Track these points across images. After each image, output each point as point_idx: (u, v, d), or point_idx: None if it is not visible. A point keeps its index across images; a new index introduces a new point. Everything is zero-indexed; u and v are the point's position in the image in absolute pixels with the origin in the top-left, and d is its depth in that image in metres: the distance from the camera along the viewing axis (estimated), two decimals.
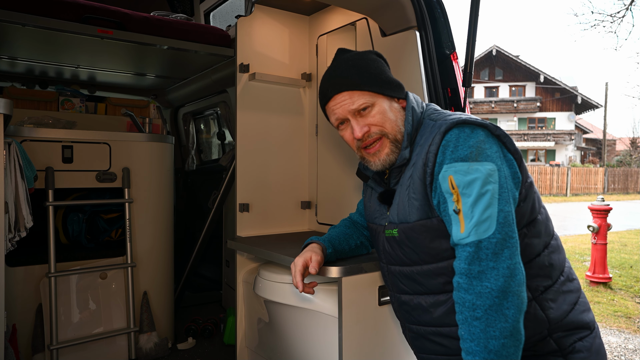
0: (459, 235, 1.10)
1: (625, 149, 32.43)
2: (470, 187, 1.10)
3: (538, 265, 1.18)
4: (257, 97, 2.45)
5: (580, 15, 54.78)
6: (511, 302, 1.03)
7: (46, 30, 2.28)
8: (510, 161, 1.17)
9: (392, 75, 1.36)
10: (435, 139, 1.18)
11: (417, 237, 1.23)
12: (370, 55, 1.35)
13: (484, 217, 1.08)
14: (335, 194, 2.47)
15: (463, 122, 1.17)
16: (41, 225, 2.38)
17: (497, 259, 1.05)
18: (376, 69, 1.32)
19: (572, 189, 21.99)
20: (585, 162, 31.42)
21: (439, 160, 1.16)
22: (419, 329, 1.30)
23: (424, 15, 1.95)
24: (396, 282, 1.34)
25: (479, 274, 1.06)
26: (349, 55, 1.35)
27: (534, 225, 1.20)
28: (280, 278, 1.93)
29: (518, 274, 1.06)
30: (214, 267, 3.86)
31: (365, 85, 1.28)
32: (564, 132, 28.73)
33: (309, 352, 1.87)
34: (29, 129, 2.38)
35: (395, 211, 1.29)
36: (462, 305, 1.08)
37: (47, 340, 2.32)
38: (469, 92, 1.82)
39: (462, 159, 1.12)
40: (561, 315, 1.17)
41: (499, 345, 1.02)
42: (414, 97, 1.36)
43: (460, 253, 1.10)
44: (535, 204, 1.21)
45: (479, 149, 1.13)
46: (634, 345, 3.38)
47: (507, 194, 1.11)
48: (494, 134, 1.17)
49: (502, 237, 1.07)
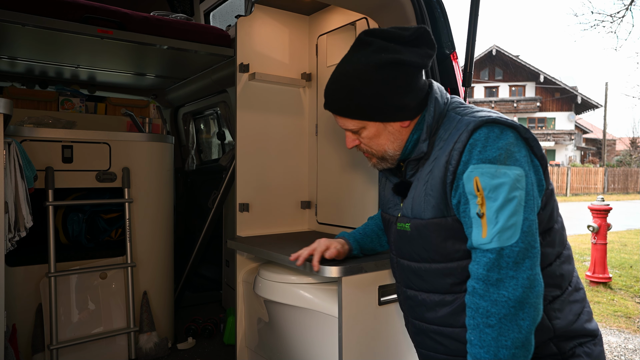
0: (480, 240, 1.07)
1: (625, 149, 32.43)
2: (496, 191, 1.06)
3: (549, 274, 1.15)
4: (257, 97, 2.44)
5: (580, 15, 55.00)
6: (527, 314, 1.02)
7: (46, 30, 2.27)
8: (536, 167, 1.13)
9: (393, 97, 1.19)
10: (462, 136, 1.11)
11: (429, 235, 1.20)
12: (370, 74, 1.17)
13: (508, 224, 1.04)
14: (335, 194, 2.47)
15: (493, 121, 1.11)
16: (41, 225, 2.37)
17: (518, 269, 1.03)
18: (372, 94, 1.18)
19: (572, 189, 21.99)
20: (585, 162, 31.43)
21: (465, 159, 1.10)
22: (421, 325, 1.29)
23: (423, 15, 1.95)
24: (403, 276, 1.32)
25: (497, 282, 1.03)
26: (350, 67, 1.21)
27: (549, 234, 1.17)
28: (280, 278, 1.93)
29: (537, 286, 1.04)
30: (214, 267, 3.86)
31: (351, 114, 1.23)
32: (564, 132, 28.73)
33: (309, 352, 1.87)
34: (29, 129, 2.38)
35: (409, 205, 1.25)
36: (475, 310, 1.06)
37: (47, 340, 2.32)
38: (469, 92, 1.81)
39: (490, 161, 1.07)
40: (566, 325, 1.16)
41: (510, 355, 1.01)
42: (438, 87, 1.27)
43: (479, 258, 1.07)
44: (554, 212, 1.18)
45: (508, 152, 1.08)
46: (634, 345, 3.38)
47: (533, 202, 1.08)
48: (523, 136, 1.12)
49: (524, 247, 1.04)
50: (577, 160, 30.24)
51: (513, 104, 29.26)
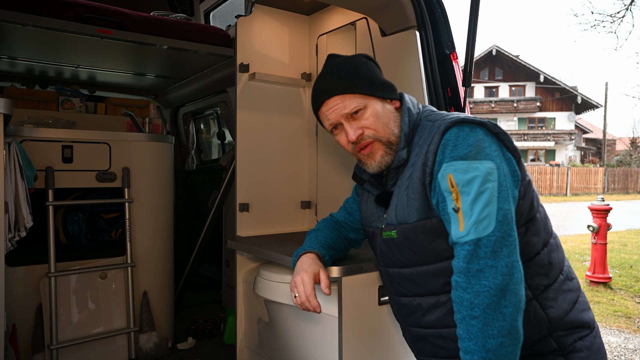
0: (458, 234, 1.10)
1: (625, 149, 32.44)
2: (469, 185, 1.10)
3: (538, 263, 1.18)
4: (257, 97, 2.44)
5: (580, 15, 54.98)
6: (509, 301, 1.03)
7: (46, 30, 2.27)
8: (509, 159, 1.17)
9: (383, 77, 1.35)
10: (435, 138, 1.18)
11: (416, 238, 1.22)
12: (360, 59, 1.35)
13: (483, 215, 1.07)
14: (335, 194, 2.47)
15: (462, 120, 1.17)
16: (41, 225, 2.38)
17: (496, 257, 1.05)
18: (366, 71, 1.31)
19: (572, 189, 21.99)
20: (585, 162, 31.43)
21: (439, 159, 1.16)
22: (419, 331, 1.30)
23: (424, 15, 1.95)
24: (395, 285, 1.34)
25: (478, 273, 1.05)
26: (339, 60, 1.35)
27: (532, 223, 1.20)
28: (280, 278, 1.93)
29: (516, 272, 1.06)
30: (214, 267, 3.86)
31: (356, 88, 1.28)
32: (564, 132, 28.73)
33: (309, 352, 1.87)
34: (29, 129, 2.38)
35: (393, 212, 1.28)
36: (460, 304, 1.07)
37: (47, 340, 2.32)
38: (469, 92, 1.82)
39: (461, 158, 1.12)
40: (561, 314, 1.18)
41: (497, 344, 1.02)
42: (409, 98, 1.35)
43: (458, 251, 1.10)
44: (534, 202, 1.22)
45: (478, 148, 1.13)
46: (634, 345, 3.38)
47: (507, 192, 1.11)
48: (492, 132, 1.17)
49: (501, 235, 1.07)
50: (577, 160, 30.24)
51: (513, 104, 29.26)
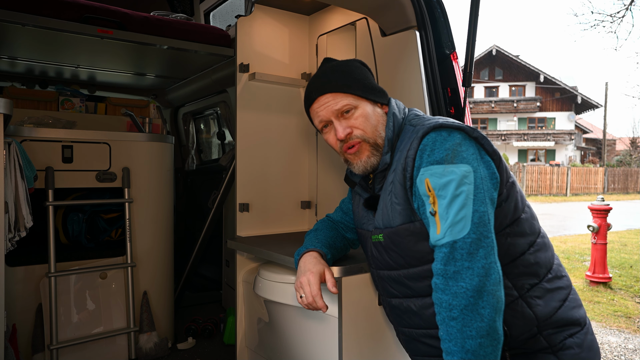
0: (436, 237, 1.11)
1: (625, 149, 32.45)
2: (445, 188, 1.11)
3: (523, 263, 1.19)
4: (257, 97, 2.45)
5: (580, 15, 55.04)
6: (487, 302, 1.04)
7: (46, 30, 2.27)
8: (487, 162, 1.17)
9: (375, 82, 1.40)
10: (414, 143, 1.20)
11: (401, 241, 1.24)
12: (355, 63, 1.39)
13: (458, 218, 1.09)
14: (335, 194, 2.47)
15: (440, 125, 1.18)
16: (41, 225, 2.38)
17: (472, 259, 1.06)
18: (360, 74, 1.35)
19: (572, 189, 21.99)
20: (585, 162, 31.43)
21: (417, 164, 1.18)
22: (410, 332, 1.32)
23: (424, 15, 1.94)
24: (386, 287, 1.35)
25: (455, 274, 1.06)
26: (333, 62, 1.40)
27: (517, 225, 1.21)
28: (280, 278, 1.93)
29: (494, 274, 1.06)
30: (214, 267, 3.86)
31: (348, 88, 1.31)
32: (564, 132, 28.74)
33: (309, 352, 1.87)
34: (29, 129, 2.38)
35: (380, 216, 1.30)
36: (440, 306, 1.08)
37: (47, 340, 2.32)
38: (469, 92, 1.82)
39: (437, 162, 1.14)
40: (550, 312, 1.18)
41: (476, 345, 1.03)
42: (395, 103, 1.38)
43: (437, 254, 1.12)
44: (519, 203, 1.22)
45: (455, 152, 1.14)
46: (634, 345, 3.38)
47: (483, 194, 1.11)
48: (471, 136, 1.18)
49: (476, 237, 1.07)
50: (577, 160, 30.24)
51: (513, 104, 29.26)
